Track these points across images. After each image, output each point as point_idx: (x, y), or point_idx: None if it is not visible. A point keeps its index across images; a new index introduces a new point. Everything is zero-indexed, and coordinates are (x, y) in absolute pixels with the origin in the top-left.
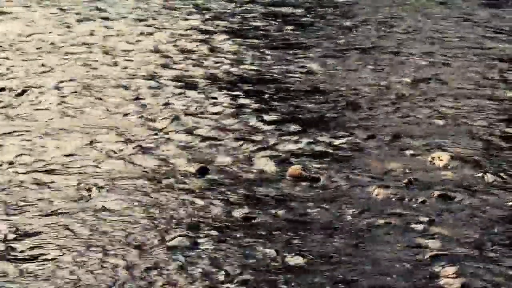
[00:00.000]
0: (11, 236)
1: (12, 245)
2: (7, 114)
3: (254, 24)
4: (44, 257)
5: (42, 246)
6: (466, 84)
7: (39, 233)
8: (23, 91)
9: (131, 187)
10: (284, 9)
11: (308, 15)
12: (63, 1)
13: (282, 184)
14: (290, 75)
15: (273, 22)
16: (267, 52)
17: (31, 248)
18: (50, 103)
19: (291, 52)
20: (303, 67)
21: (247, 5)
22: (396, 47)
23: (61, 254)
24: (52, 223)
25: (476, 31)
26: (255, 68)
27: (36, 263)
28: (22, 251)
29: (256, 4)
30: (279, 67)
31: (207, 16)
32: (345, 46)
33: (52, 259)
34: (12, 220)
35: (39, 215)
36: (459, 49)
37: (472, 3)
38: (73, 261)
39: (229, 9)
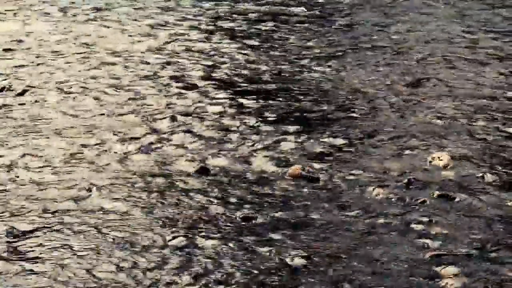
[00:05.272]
0: (11, 236)
1: (12, 245)
2: (8, 114)
3: (254, 24)
4: (44, 257)
5: (42, 246)
6: (466, 84)
7: (39, 233)
8: (24, 91)
9: (131, 187)
10: (284, 9)
11: (308, 15)
12: (62, 1)
13: (282, 184)
14: (290, 75)
15: (273, 22)
16: (267, 52)
17: (31, 248)
18: (50, 103)
19: (291, 51)
20: (303, 66)
21: (247, 5)
22: (395, 47)
23: (61, 254)
24: (52, 223)
25: (477, 30)
26: (255, 67)
27: (36, 263)
28: (22, 251)
29: (256, 4)
30: (279, 66)
31: (207, 16)
32: (345, 46)
33: (52, 259)
34: (12, 220)
35: (39, 215)
36: (459, 49)
37: (472, 2)
38: (73, 261)
39: (229, 9)
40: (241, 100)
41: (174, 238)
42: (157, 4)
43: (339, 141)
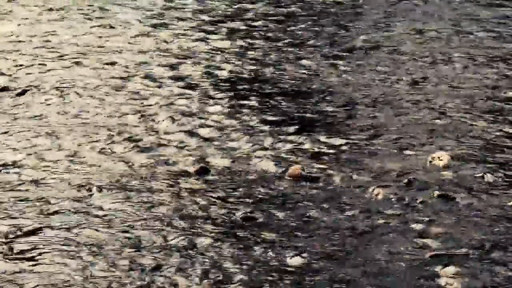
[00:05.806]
0: (11, 236)
1: (12, 245)
2: (7, 114)
3: (254, 24)
4: (44, 257)
5: (42, 246)
6: (466, 84)
7: (39, 233)
8: (24, 91)
9: (131, 187)
10: (283, 9)
11: (308, 15)
12: (62, 1)
13: (282, 184)
14: (290, 75)
15: (273, 22)
16: (267, 52)
17: (31, 248)
18: (50, 103)
19: (291, 51)
20: (303, 67)
21: (247, 5)
22: (396, 47)
23: (62, 254)
24: (52, 223)
25: (477, 30)
26: (255, 68)
27: (36, 263)
28: (22, 251)
29: (256, 4)
30: (279, 66)
31: (207, 16)
32: (344, 46)
33: (52, 259)
34: (12, 220)
35: (39, 215)
36: (459, 49)
37: (472, 2)
38: (73, 261)
39: (229, 9)
40: (241, 100)
41: (174, 238)
42: (158, 4)
43: (339, 141)
